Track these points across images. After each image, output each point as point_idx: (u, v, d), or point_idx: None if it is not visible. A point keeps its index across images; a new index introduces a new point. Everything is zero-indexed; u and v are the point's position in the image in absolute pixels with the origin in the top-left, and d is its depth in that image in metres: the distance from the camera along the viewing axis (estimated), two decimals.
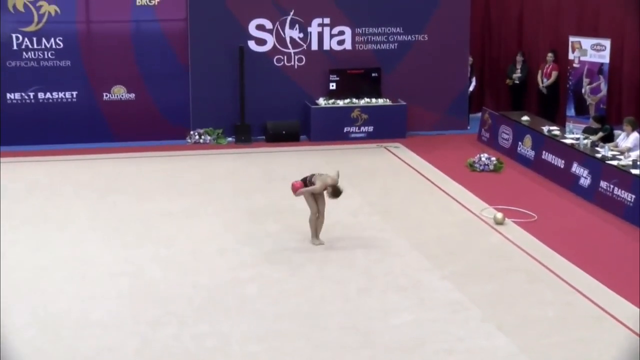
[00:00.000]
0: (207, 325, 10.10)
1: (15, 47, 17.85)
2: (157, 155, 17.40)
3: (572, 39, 18.26)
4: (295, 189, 12.44)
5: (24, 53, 17.92)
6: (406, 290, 11.02)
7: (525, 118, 17.34)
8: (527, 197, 14.73)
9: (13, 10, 17.74)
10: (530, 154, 16.52)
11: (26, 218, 13.69)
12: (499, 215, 13.50)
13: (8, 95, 17.98)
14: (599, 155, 14.76)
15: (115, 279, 11.33)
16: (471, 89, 19.82)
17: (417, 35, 19.03)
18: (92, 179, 15.79)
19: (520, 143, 16.90)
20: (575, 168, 15.07)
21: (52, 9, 17.86)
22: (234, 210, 14.05)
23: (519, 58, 19.53)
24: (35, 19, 17.84)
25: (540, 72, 19.05)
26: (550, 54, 18.84)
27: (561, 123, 17.87)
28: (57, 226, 13.33)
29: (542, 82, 18.94)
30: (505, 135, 17.47)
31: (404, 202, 14.54)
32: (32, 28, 17.88)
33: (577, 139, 15.67)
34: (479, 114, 19.06)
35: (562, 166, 15.49)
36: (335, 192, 12.40)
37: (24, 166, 16.66)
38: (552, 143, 15.98)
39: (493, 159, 16.40)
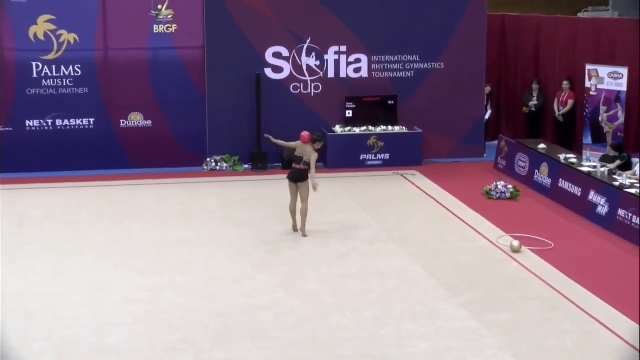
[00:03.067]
0: (223, 352, 10.07)
1: (35, 75, 17.99)
2: (174, 182, 17.45)
3: (589, 67, 18.24)
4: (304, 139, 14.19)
5: (43, 81, 18.05)
6: (422, 318, 10.98)
7: (541, 146, 17.31)
8: (544, 225, 14.68)
9: (34, 39, 17.88)
10: (547, 181, 16.48)
11: (43, 244, 13.74)
12: (516, 243, 13.45)
13: (27, 122, 18.10)
14: (616, 184, 14.70)
15: (131, 305, 11.33)
16: (487, 117, 19.82)
17: (433, 63, 19.06)
18: (109, 205, 15.84)
19: (536, 171, 16.86)
20: (593, 196, 15.01)
21: (72, 37, 18.00)
22: (249, 237, 14.05)
23: (535, 86, 19.52)
24: (55, 47, 17.98)
25: (556, 100, 19.03)
26: (566, 82, 18.83)
27: (578, 151, 17.83)
28: (74, 252, 13.36)
29: (559, 110, 18.92)
30: (522, 163, 17.44)
31: (420, 229, 14.51)
32: (51, 56, 18.02)
33: (595, 167, 15.62)
34: (496, 142, 19.04)
35: (579, 194, 15.44)
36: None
37: (42, 193, 16.74)
38: (569, 171, 15.93)
39: (510, 186, 16.37)
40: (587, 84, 18.32)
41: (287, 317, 10.99)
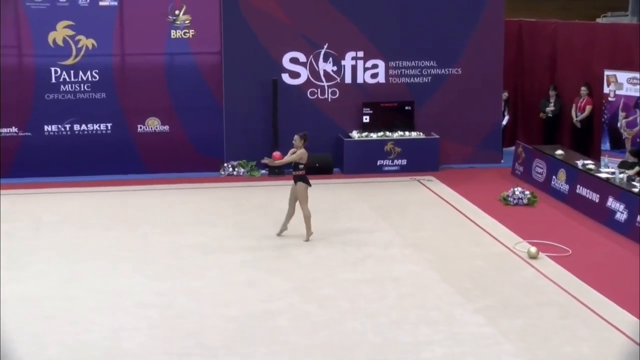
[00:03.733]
0: (238, 358, 10.05)
1: (53, 80, 18.06)
2: (190, 188, 17.47)
3: (607, 72, 18.16)
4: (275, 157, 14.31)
5: (62, 86, 18.13)
6: (437, 323, 10.93)
7: (559, 152, 17.23)
8: (562, 232, 14.60)
9: (52, 45, 17.96)
10: (565, 188, 16.40)
11: (59, 248, 13.77)
12: (533, 249, 13.38)
13: (46, 127, 18.17)
14: (635, 190, 14.61)
15: (146, 310, 11.33)
16: (505, 122, 19.76)
17: (450, 69, 19.03)
18: (125, 210, 15.87)
19: (554, 177, 16.79)
20: (611, 202, 14.92)
21: (90, 42, 18.07)
22: (265, 242, 14.04)
23: (552, 92, 19.45)
24: (73, 52, 18.04)
25: (574, 106, 18.95)
26: (584, 88, 18.75)
27: (596, 157, 17.74)
28: (89, 257, 13.38)
29: (576, 116, 18.84)
30: (539, 169, 17.36)
31: (437, 235, 14.46)
32: (69, 61, 18.09)
33: (613, 173, 15.53)
34: (513, 148, 18.97)
35: (597, 200, 15.35)
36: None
37: (58, 197, 16.80)
38: (586, 177, 15.85)
39: (527, 192, 16.30)
40: (606, 90, 18.24)
41: (302, 322, 10.97)
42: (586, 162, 16.40)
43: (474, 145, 19.23)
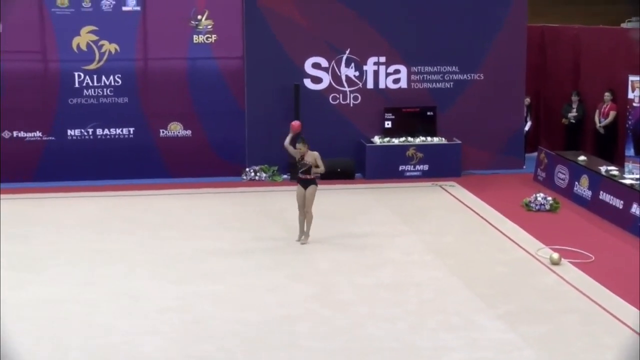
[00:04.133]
0: None
1: (76, 85, 18.15)
2: (212, 192, 17.49)
3: (632, 77, 18.02)
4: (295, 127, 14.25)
5: (85, 90, 18.21)
6: (458, 329, 10.87)
7: (581, 158, 17.13)
8: (584, 238, 14.51)
9: (76, 50, 18.05)
10: (587, 194, 16.30)
11: (80, 252, 13.82)
12: (555, 255, 13.30)
13: (69, 131, 18.26)
14: None
15: (165, 314, 11.34)
16: (527, 128, 19.67)
17: (473, 74, 18.98)
18: (147, 214, 15.92)
19: (576, 183, 16.70)
20: (635, 209, 14.81)
21: (113, 47, 18.15)
22: (285, 247, 14.04)
23: (575, 97, 19.35)
24: (97, 57, 18.13)
25: (597, 111, 18.84)
26: (607, 93, 18.64)
27: (619, 163, 17.60)
28: (110, 261, 13.42)
29: (599, 122, 18.73)
30: (562, 175, 17.27)
31: (458, 240, 14.41)
32: (92, 66, 18.18)
33: (637, 179, 15.42)
34: (535, 154, 18.88)
35: (620, 207, 15.24)
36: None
37: (80, 201, 16.87)
38: (610, 183, 15.75)
39: (549, 198, 16.21)
40: (630, 95, 18.08)
41: (321, 327, 10.94)
42: (609, 168, 16.29)
43: (496, 151, 19.16)
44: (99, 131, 18.36)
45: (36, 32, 17.96)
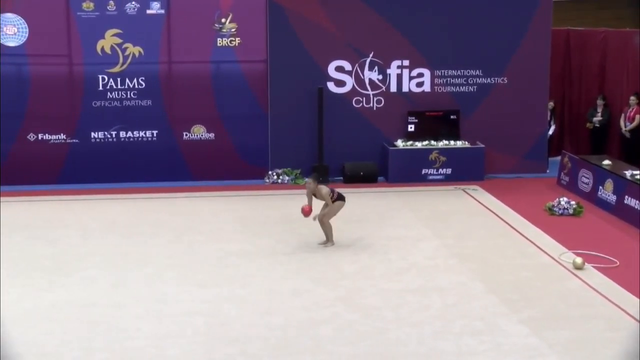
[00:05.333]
0: None
1: (100, 88, 18.25)
2: (235, 195, 17.54)
3: None
4: (305, 212, 13.97)
5: (109, 93, 18.29)
6: (482, 334, 10.87)
7: (606, 162, 17.07)
8: (608, 243, 14.46)
9: (100, 53, 18.15)
10: (612, 198, 16.24)
11: (105, 255, 13.89)
12: (579, 260, 13.26)
13: (92, 134, 18.35)
14: None
15: (190, 317, 11.38)
16: (551, 132, 19.62)
17: (496, 78, 18.94)
18: (170, 217, 15.98)
19: (600, 187, 16.64)
20: None
21: (137, 50, 18.23)
22: (309, 251, 14.06)
23: (600, 102, 19.30)
24: (121, 60, 18.21)
25: (623, 115, 18.78)
26: (633, 97, 18.58)
27: None
28: (135, 264, 13.48)
29: (625, 126, 18.66)
30: (585, 179, 17.22)
31: (482, 245, 14.39)
32: (116, 69, 18.26)
33: None
34: (559, 158, 18.82)
35: None
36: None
37: (105, 204, 16.95)
38: (635, 187, 15.68)
39: (573, 203, 16.17)
40: None
41: (346, 331, 10.96)
42: (635, 172, 16.22)
43: (520, 154, 19.12)
44: (122, 134, 18.45)
45: (63, 36, 18.07)
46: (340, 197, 14.26)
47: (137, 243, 14.52)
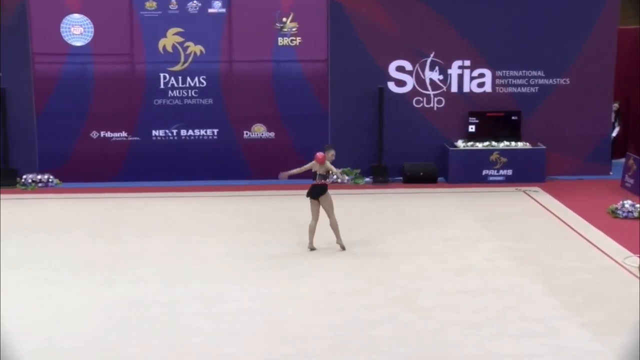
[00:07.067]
0: None
1: (162, 86, 18.40)
2: (294, 194, 17.50)
3: None
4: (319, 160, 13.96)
5: (170, 91, 18.45)
6: (541, 337, 10.72)
7: None
8: None
9: (162, 51, 18.30)
10: None
11: (163, 253, 13.99)
12: None
13: (153, 132, 18.52)
14: None
15: (248, 316, 11.40)
16: (615, 134, 19.33)
17: (558, 79, 18.73)
18: (229, 216, 16.05)
19: None
20: None
21: (198, 49, 18.35)
22: (367, 251, 14.02)
23: None
24: (182, 59, 18.35)
25: None
26: None
27: None
28: (192, 262, 13.55)
29: None
30: None
31: (541, 247, 14.22)
32: (178, 68, 18.41)
33: None
34: (623, 160, 18.53)
35: None
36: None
37: (164, 202, 17.09)
38: None
39: (637, 205, 15.90)
40: None
41: (403, 332, 10.90)
42: None
43: (582, 156, 18.88)
44: (183, 132, 18.59)
45: (126, 35, 18.26)
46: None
47: (195, 241, 14.60)
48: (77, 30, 18.16)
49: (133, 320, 11.25)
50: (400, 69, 18.64)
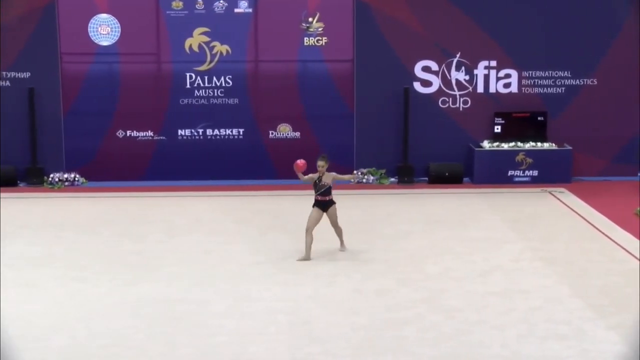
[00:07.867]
0: None
1: (188, 86, 18.46)
2: None
3: None
4: (299, 167, 13.66)
5: (196, 91, 18.50)
6: (568, 339, 10.67)
7: None
8: None
9: (188, 51, 18.37)
10: None
11: (189, 252, 14.03)
12: None
13: (179, 131, 18.58)
14: None
15: (273, 315, 11.42)
16: None
17: (585, 80, 18.63)
18: (255, 215, 16.08)
19: None
20: None
21: (224, 48, 18.40)
22: (393, 252, 14.01)
23: None
24: (208, 58, 18.40)
25: None
26: None
27: None
28: (218, 261, 13.59)
29: None
30: None
31: (568, 248, 14.16)
32: (204, 67, 18.46)
33: None
34: None
35: None
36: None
37: (190, 201, 17.15)
38: None
39: None
40: None
41: (429, 332, 10.88)
42: None
43: (609, 157, 18.78)
44: (208, 131, 18.64)
45: (152, 34, 18.35)
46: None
47: (221, 241, 14.64)
48: (104, 30, 18.26)
49: (159, 319, 11.29)
50: (426, 69, 18.61)
